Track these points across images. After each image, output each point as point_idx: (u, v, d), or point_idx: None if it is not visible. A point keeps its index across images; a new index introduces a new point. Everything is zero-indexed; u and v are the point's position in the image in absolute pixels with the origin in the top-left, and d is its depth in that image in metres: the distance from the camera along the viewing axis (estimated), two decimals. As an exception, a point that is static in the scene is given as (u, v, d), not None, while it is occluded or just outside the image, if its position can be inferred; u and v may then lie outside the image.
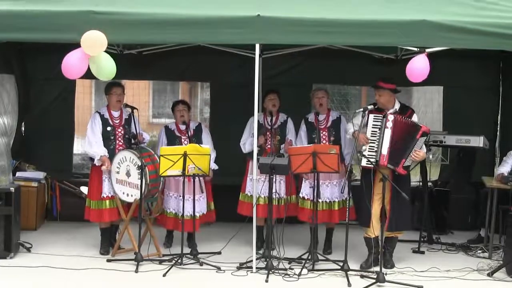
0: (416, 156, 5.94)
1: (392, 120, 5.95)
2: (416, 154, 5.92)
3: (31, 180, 7.59)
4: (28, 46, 7.83)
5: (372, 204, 5.93)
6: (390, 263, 6.18)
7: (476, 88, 8.34)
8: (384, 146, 5.95)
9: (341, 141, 6.56)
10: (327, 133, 6.59)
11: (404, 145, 5.92)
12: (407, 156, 5.91)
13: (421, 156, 5.99)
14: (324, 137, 6.57)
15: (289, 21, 5.58)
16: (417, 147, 5.92)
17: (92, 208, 6.47)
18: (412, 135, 5.91)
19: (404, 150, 5.91)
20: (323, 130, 6.60)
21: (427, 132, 5.94)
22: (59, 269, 5.90)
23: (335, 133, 6.59)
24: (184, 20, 5.59)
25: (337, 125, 6.62)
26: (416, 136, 5.89)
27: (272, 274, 5.80)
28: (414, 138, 5.89)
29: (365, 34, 5.59)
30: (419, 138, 5.89)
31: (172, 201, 6.65)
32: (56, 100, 8.38)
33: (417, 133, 5.89)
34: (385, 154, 5.95)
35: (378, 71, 8.03)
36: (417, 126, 5.93)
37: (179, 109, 6.73)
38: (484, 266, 6.24)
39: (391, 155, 5.94)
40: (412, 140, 5.90)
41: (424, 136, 5.91)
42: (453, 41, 5.73)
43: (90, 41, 5.41)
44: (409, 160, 5.96)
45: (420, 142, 5.92)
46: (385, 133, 5.96)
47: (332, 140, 6.55)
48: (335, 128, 6.61)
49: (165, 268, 5.94)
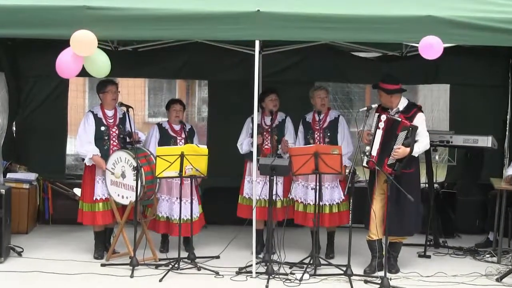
0: (395, 154, 5.83)
1: (385, 121, 5.91)
2: (396, 150, 5.83)
3: (22, 181, 7.59)
4: (19, 42, 7.84)
5: (373, 205, 5.93)
6: (395, 268, 6.19)
7: (484, 86, 8.34)
8: (374, 147, 5.93)
9: (338, 142, 6.53)
10: (322, 134, 6.56)
11: (388, 144, 5.87)
12: (390, 154, 5.86)
13: (400, 153, 5.82)
14: (318, 138, 6.56)
15: (290, 16, 5.60)
16: (397, 144, 5.83)
17: (85, 211, 6.48)
18: (393, 131, 5.85)
19: (388, 149, 5.87)
20: (317, 131, 6.59)
21: (407, 125, 5.83)
22: (51, 274, 5.90)
23: (330, 134, 6.56)
24: (181, 16, 5.60)
25: (334, 125, 6.60)
26: (396, 131, 5.83)
27: (273, 279, 5.80)
28: (394, 133, 5.84)
29: (369, 30, 5.61)
30: (399, 133, 5.82)
31: (163, 204, 6.64)
32: (48, 99, 8.39)
33: (397, 128, 5.83)
34: (374, 155, 5.93)
35: (382, 68, 8.06)
36: (397, 121, 5.86)
37: (175, 109, 6.72)
38: (492, 271, 6.24)
39: (379, 156, 5.92)
40: (393, 136, 5.84)
41: (404, 130, 5.81)
42: (460, 38, 5.74)
43: (78, 42, 5.41)
44: (391, 159, 5.88)
45: (400, 137, 5.83)
46: (377, 134, 5.93)
47: (326, 141, 6.52)
48: (331, 129, 6.58)
49: (161, 273, 5.94)
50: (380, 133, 5.93)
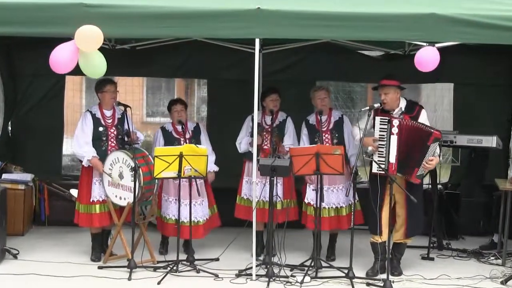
0: (429, 164, 5.86)
1: (398, 126, 5.87)
2: (429, 162, 5.85)
3: (18, 182, 7.58)
4: (15, 41, 7.84)
5: (382, 209, 5.92)
6: (398, 270, 6.19)
7: (488, 85, 8.34)
8: (391, 154, 5.89)
9: (345, 142, 6.56)
10: (330, 136, 6.58)
11: (414, 153, 5.84)
12: (420, 165, 5.85)
13: (434, 164, 5.90)
14: (327, 140, 6.57)
15: (291, 14, 5.60)
16: (429, 155, 5.84)
17: (81, 212, 6.47)
18: (423, 142, 5.81)
19: (416, 158, 5.84)
20: (325, 133, 6.60)
21: (439, 137, 5.82)
22: (47, 276, 5.90)
23: (338, 135, 6.58)
24: (181, 14, 5.60)
25: (340, 126, 6.61)
26: (428, 142, 5.81)
27: (273, 282, 5.81)
28: (425, 144, 5.80)
29: (371, 28, 5.61)
30: (430, 144, 5.81)
31: (172, 206, 6.63)
32: (45, 98, 8.40)
33: (428, 139, 5.81)
34: (393, 163, 5.89)
35: (385, 67, 8.06)
36: (428, 132, 5.82)
37: (176, 110, 6.70)
38: (497, 273, 6.23)
39: (400, 164, 5.89)
40: (423, 147, 5.81)
41: (436, 141, 5.81)
42: (465, 36, 5.73)
43: (86, 36, 5.41)
44: (422, 169, 5.89)
45: (432, 149, 5.82)
46: (392, 140, 5.89)
47: (335, 142, 6.53)
48: (337, 130, 6.60)
49: (159, 275, 5.94)
50: (395, 138, 5.89)
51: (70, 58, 5.54)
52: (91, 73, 5.75)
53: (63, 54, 5.52)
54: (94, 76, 5.83)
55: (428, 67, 5.79)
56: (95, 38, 5.45)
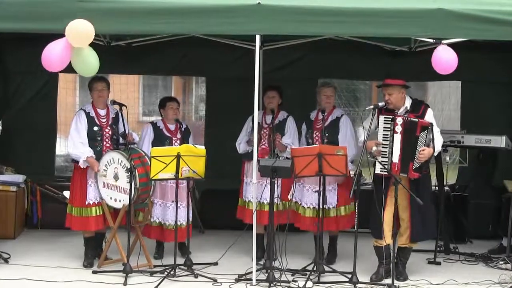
0: (422, 155, 5.87)
1: (401, 124, 5.90)
2: (422, 152, 5.86)
3: (9, 184, 7.60)
4: (6, 37, 7.83)
5: (384, 210, 5.94)
6: (403, 275, 6.19)
7: (497, 83, 8.35)
8: (394, 154, 5.92)
9: (339, 143, 6.51)
10: (319, 134, 6.58)
11: (407, 147, 5.89)
12: (413, 158, 5.88)
13: (426, 154, 5.87)
14: (316, 138, 6.58)
15: (292, 10, 5.61)
16: (419, 145, 5.87)
17: (74, 216, 6.45)
18: (412, 134, 5.86)
19: (409, 152, 5.88)
20: (317, 130, 6.61)
21: (427, 125, 5.86)
22: (40, 282, 5.91)
23: (329, 135, 6.55)
24: (178, 9, 5.61)
25: (335, 125, 6.61)
26: (415, 133, 5.85)
27: (274, 287, 5.81)
28: (414, 136, 5.85)
29: (376, 24, 5.62)
30: (419, 134, 5.85)
31: (156, 208, 6.64)
32: (37, 96, 8.41)
33: (416, 130, 5.85)
34: (396, 163, 5.92)
35: (390, 64, 8.07)
36: (413, 122, 5.86)
37: (172, 107, 6.72)
38: (506, 278, 6.23)
39: (402, 163, 5.92)
40: (412, 139, 5.86)
41: (423, 130, 5.84)
42: (473, 32, 5.76)
43: (76, 31, 5.43)
44: (417, 162, 5.92)
45: (421, 139, 5.85)
46: (395, 139, 5.92)
47: (325, 142, 6.49)
48: (332, 129, 6.58)
49: (156, 280, 5.94)
50: (398, 137, 5.91)
51: (63, 56, 5.55)
52: (83, 70, 5.75)
53: (56, 52, 5.54)
54: (86, 74, 5.83)
55: (447, 69, 5.80)
56: (86, 33, 5.46)
